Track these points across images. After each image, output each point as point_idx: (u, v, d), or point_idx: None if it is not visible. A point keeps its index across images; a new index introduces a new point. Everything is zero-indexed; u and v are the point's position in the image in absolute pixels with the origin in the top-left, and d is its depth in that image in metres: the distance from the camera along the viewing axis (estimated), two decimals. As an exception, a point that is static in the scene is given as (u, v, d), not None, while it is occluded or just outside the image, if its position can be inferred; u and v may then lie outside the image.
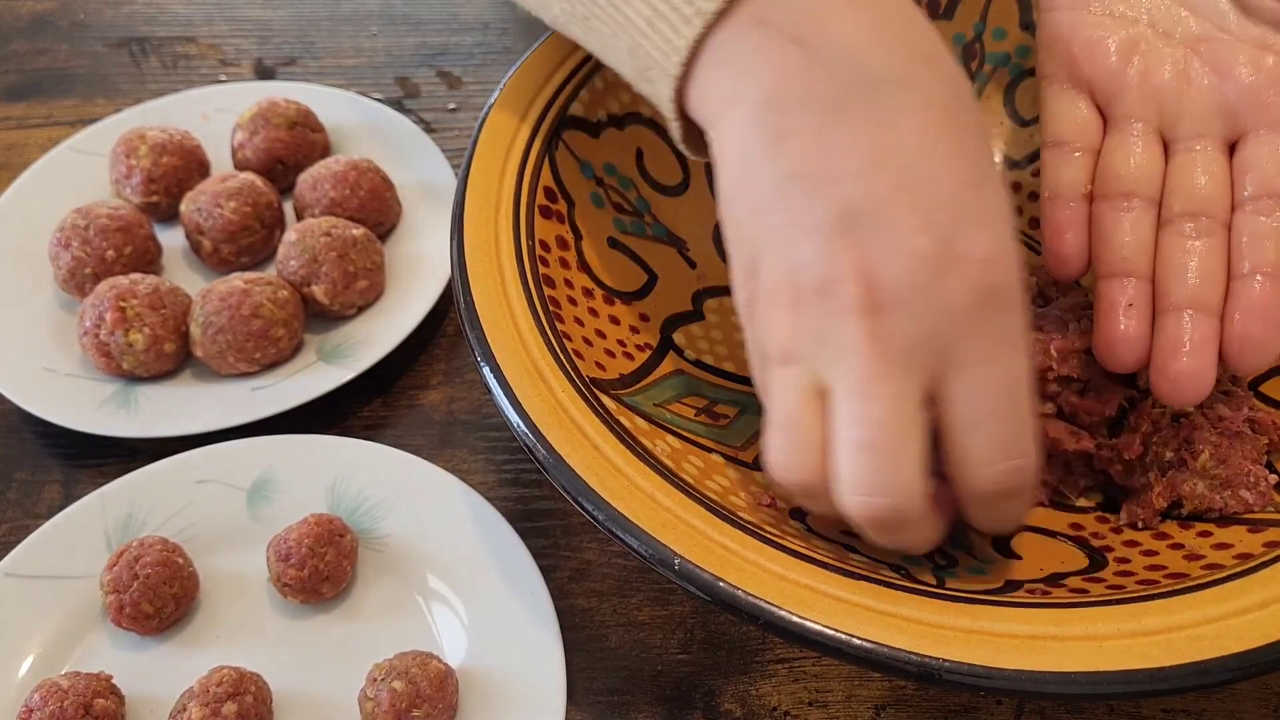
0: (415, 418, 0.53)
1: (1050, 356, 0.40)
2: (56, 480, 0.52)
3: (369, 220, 0.57)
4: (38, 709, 0.40)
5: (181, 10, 0.76)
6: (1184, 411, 0.40)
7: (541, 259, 0.43)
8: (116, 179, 0.60)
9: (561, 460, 0.36)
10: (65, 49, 0.74)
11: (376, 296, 0.56)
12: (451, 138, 0.66)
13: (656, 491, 0.36)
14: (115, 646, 0.44)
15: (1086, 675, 0.31)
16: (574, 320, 0.42)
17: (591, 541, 0.48)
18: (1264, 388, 0.43)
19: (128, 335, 0.51)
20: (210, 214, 0.56)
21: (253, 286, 0.52)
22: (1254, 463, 0.40)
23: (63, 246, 0.55)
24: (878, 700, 0.43)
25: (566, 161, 0.47)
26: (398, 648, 0.42)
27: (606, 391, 0.40)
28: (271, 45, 0.74)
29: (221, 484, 0.48)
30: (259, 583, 0.46)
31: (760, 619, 0.32)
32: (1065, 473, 0.42)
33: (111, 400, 0.52)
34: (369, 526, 0.47)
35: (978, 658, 0.31)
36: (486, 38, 0.73)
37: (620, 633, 0.45)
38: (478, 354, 0.39)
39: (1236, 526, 0.38)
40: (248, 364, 0.52)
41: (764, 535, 0.35)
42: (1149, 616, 0.32)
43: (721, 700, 0.43)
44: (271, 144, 0.60)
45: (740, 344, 0.47)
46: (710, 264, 0.50)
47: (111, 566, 0.44)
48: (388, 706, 0.40)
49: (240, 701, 0.40)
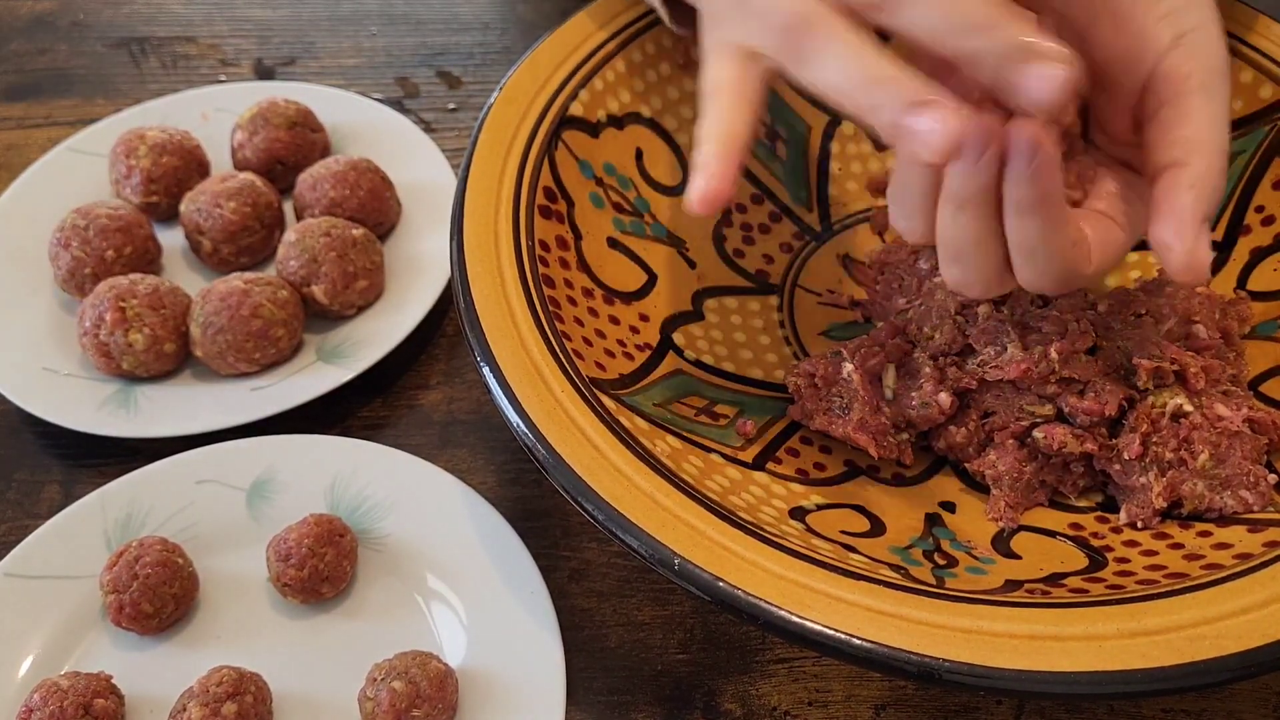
0: (415, 418, 0.53)
1: (1050, 358, 0.40)
2: (56, 480, 0.52)
3: (369, 220, 0.57)
4: (38, 709, 0.40)
5: (181, 10, 0.76)
6: (1184, 411, 0.40)
7: (541, 259, 0.43)
8: (116, 179, 0.60)
9: (561, 460, 0.36)
10: (65, 49, 0.74)
11: (376, 296, 0.56)
12: (451, 138, 0.66)
13: (656, 491, 0.36)
14: (115, 646, 0.44)
15: (1086, 675, 0.31)
16: (574, 320, 0.42)
17: (591, 541, 0.48)
18: (1264, 388, 0.43)
19: (128, 335, 0.51)
20: (210, 214, 0.56)
21: (253, 286, 0.52)
22: (1254, 463, 0.40)
23: (63, 246, 0.55)
24: (878, 700, 0.43)
25: (566, 161, 0.47)
26: (398, 648, 0.42)
27: (606, 391, 0.40)
28: (271, 45, 0.74)
29: (221, 484, 0.48)
30: (259, 583, 0.46)
31: (760, 619, 0.32)
32: (1065, 473, 0.42)
33: (111, 400, 0.52)
34: (369, 526, 0.47)
35: (978, 658, 0.31)
36: (486, 38, 0.73)
37: (620, 633, 0.45)
38: (478, 354, 0.39)
39: (1236, 526, 0.38)
40: (248, 364, 0.52)
41: (764, 535, 0.35)
42: (1149, 616, 0.32)
43: (721, 700, 0.43)
44: (271, 144, 0.60)
45: (739, 344, 0.48)
46: (710, 264, 0.50)
47: (111, 566, 0.44)
48: (388, 706, 0.40)
49: (240, 701, 0.40)
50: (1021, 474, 0.41)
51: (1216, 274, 0.47)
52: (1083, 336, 0.41)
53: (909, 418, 0.42)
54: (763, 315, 0.49)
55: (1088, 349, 0.42)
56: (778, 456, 0.43)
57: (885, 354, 0.43)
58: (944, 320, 0.43)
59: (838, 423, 0.42)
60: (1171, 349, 0.41)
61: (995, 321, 0.42)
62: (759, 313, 0.49)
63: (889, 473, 0.44)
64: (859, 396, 0.42)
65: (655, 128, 0.50)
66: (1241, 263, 0.47)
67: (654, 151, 0.50)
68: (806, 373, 0.44)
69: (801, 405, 0.44)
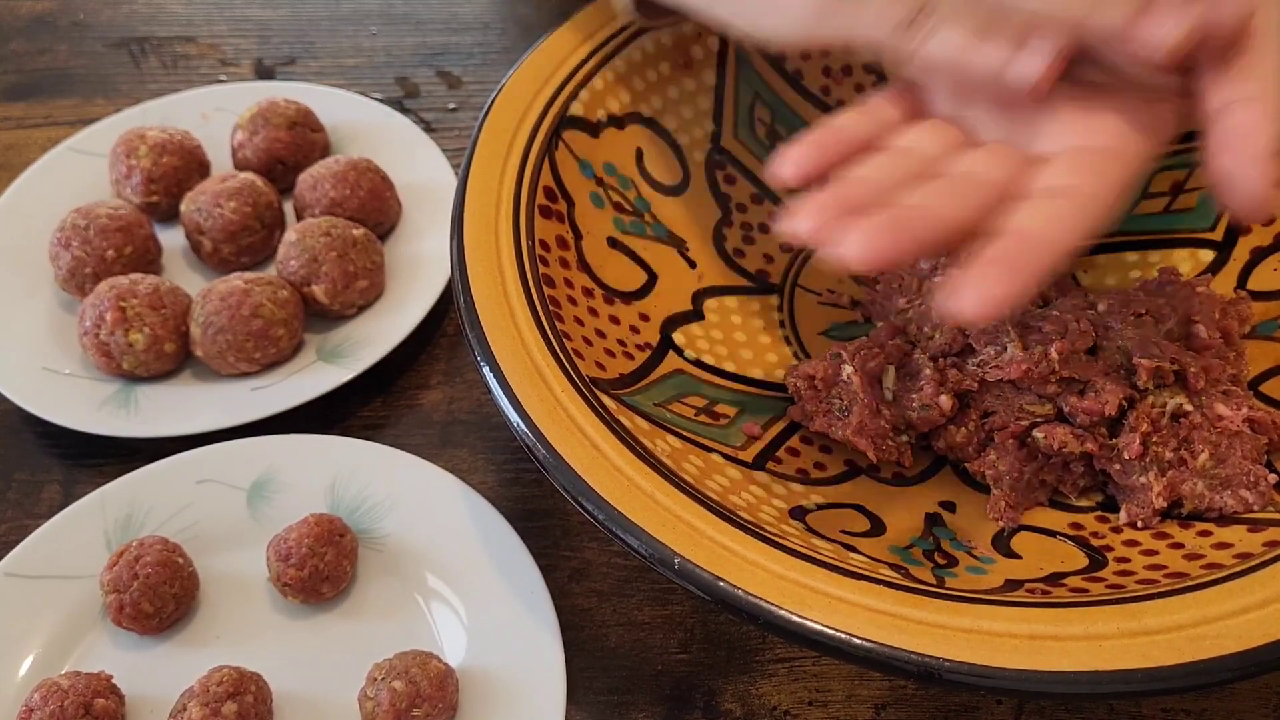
0: (415, 418, 0.53)
1: (1050, 358, 0.40)
2: (56, 480, 0.52)
3: (369, 220, 0.57)
4: (38, 709, 0.40)
5: (181, 10, 0.76)
6: (1184, 411, 0.40)
7: (541, 259, 0.43)
8: (116, 179, 0.60)
9: (561, 460, 0.36)
10: (65, 49, 0.74)
11: (376, 296, 0.56)
12: (451, 138, 0.66)
13: (656, 491, 0.36)
14: (115, 646, 0.44)
15: (1086, 675, 0.31)
16: (574, 320, 0.42)
17: (591, 541, 0.48)
18: (1264, 388, 0.43)
19: (128, 335, 0.51)
20: (210, 214, 0.56)
21: (253, 286, 0.52)
22: (1254, 462, 0.40)
23: (63, 246, 0.55)
24: (878, 700, 0.43)
25: (566, 161, 0.47)
26: (398, 647, 0.42)
27: (606, 391, 0.40)
28: (271, 45, 0.74)
29: (221, 484, 0.48)
30: (259, 583, 0.46)
31: (760, 618, 0.32)
32: (1065, 473, 0.42)
33: (111, 400, 0.52)
34: (369, 526, 0.47)
35: (978, 657, 0.31)
36: (486, 38, 0.73)
37: (620, 633, 0.45)
38: (478, 354, 0.39)
39: (1236, 526, 0.38)
40: (248, 364, 0.52)
41: (764, 535, 0.35)
42: (1149, 616, 0.32)
43: (721, 700, 0.43)
44: (271, 144, 0.60)
45: (739, 344, 0.48)
46: (710, 264, 0.50)
47: (111, 566, 0.44)
48: (388, 706, 0.40)
49: (240, 701, 0.40)
50: (1021, 474, 0.41)
51: (1216, 274, 0.47)
52: (1083, 336, 0.41)
53: (909, 419, 0.42)
54: (763, 315, 0.49)
55: (1088, 349, 0.42)
56: (778, 456, 0.43)
57: (885, 355, 0.43)
58: (944, 320, 0.43)
59: (838, 425, 0.42)
60: (1171, 349, 0.41)
61: (995, 321, 0.42)
62: (759, 312, 0.49)
63: (889, 472, 0.44)
64: (859, 399, 0.42)
65: (655, 127, 0.50)
66: (1241, 263, 0.47)
67: (655, 151, 0.50)
68: (806, 374, 0.44)
69: (801, 407, 0.44)
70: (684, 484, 0.36)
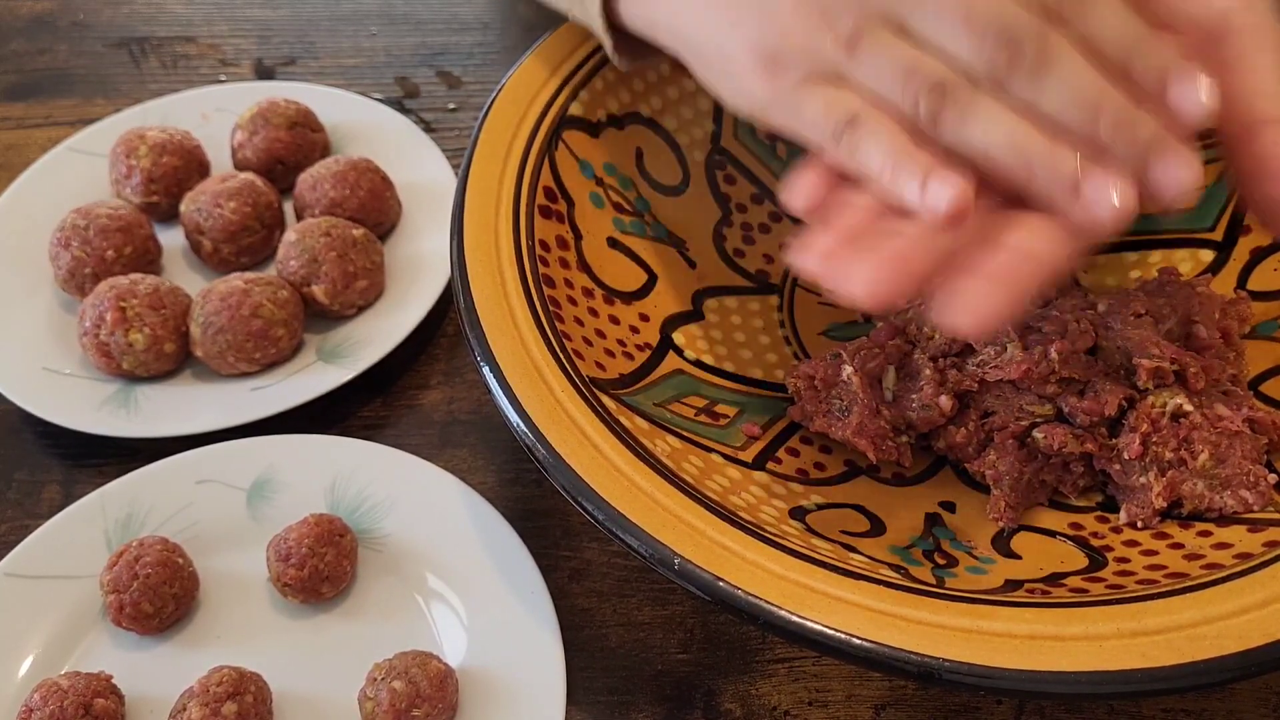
0: (415, 418, 0.53)
1: (1050, 358, 0.40)
2: (56, 480, 0.52)
3: (369, 220, 0.57)
4: (38, 709, 0.40)
5: (181, 10, 0.76)
6: (1184, 411, 0.40)
7: (541, 259, 0.43)
8: (116, 179, 0.60)
9: (561, 460, 0.36)
10: (65, 49, 0.74)
11: (376, 296, 0.56)
12: (451, 138, 0.66)
13: (656, 491, 0.36)
14: (115, 646, 0.44)
15: (1086, 675, 0.31)
16: (574, 320, 0.42)
17: (591, 541, 0.48)
18: (1264, 388, 0.43)
19: (128, 335, 0.51)
20: (210, 214, 0.56)
21: (253, 286, 0.52)
22: (1254, 462, 0.40)
23: (63, 246, 0.55)
24: (878, 700, 0.43)
25: (566, 161, 0.47)
26: (398, 647, 0.42)
27: (606, 391, 0.40)
28: (271, 45, 0.74)
29: (221, 484, 0.48)
30: (259, 583, 0.46)
31: (760, 619, 0.32)
32: (1065, 473, 0.42)
33: (111, 400, 0.52)
34: (369, 526, 0.47)
35: (978, 658, 0.31)
36: (486, 38, 0.73)
37: (620, 633, 0.45)
38: (478, 354, 0.39)
39: (1236, 526, 0.38)
40: (248, 364, 0.52)
41: (764, 535, 0.35)
42: (1149, 616, 0.32)
43: (721, 700, 0.43)
44: (271, 144, 0.60)
45: (739, 344, 0.48)
46: (710, 264, 0.50)
47: (111, 566, 0.44)
48: (388, 706, 0.40)
49: (240, 701, 0.40)
50: (1021, 474, 0.41)
51: (1217, 274, 0.47)
52: (1083, 336, 0.41)
53: (909, 419, 0.42)
54: (763, 315, 0.49)
55: (1088, 349, 0.42)
56: (778, 456, 0.43)
57: (885, 355, 0.43)
58: (942, 326, 0.43)
59: (837, 425, 0.42)
60: (1171, 349, 0.41)
61: (993, 325, 0.42)
62: (759, 312, 0.49)
63: (889, 473, 0.44)
64: (859, 399, 0.42)
65: (655, 127, 0.50)
66: (1241, 263, 0.47)
67: (655, 151, 0.50)
68: (806, 375, 0.44)
69: (801, 407, 0.44)
70: (684, 484, 0.36)
